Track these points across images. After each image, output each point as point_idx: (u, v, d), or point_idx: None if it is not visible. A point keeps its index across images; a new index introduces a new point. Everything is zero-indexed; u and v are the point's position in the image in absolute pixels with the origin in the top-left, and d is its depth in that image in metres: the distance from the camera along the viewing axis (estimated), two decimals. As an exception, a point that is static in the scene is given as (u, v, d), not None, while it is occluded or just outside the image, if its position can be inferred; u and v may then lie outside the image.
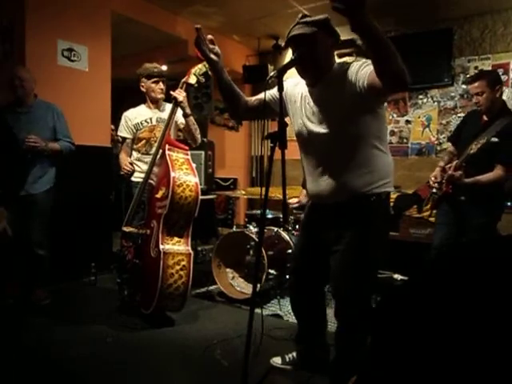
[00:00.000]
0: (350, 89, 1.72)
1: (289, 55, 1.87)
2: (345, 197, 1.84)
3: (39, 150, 2.93)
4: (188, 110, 2.96)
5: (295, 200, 3.55)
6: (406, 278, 3.48)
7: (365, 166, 1.80)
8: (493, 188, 2.65)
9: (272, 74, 1.71)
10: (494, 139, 2.55)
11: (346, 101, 1.74)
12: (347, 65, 1.77)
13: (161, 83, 3.06)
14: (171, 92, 2.89)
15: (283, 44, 1.87)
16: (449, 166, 2.75)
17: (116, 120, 3.23)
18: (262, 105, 1.90)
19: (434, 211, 3.00)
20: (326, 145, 1.84)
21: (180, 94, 2.84)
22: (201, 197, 2.77)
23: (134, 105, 3.20)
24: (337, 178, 1.84)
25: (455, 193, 2.75)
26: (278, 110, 1.66)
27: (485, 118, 2.75)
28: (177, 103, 2.85)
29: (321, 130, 1.83)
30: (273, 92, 1.97)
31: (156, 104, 3.11)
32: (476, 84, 2.69)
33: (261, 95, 1.98)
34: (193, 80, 2.86)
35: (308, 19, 1.77)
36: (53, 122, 3.09)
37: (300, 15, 1.82)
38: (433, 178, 2.86)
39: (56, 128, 3.10)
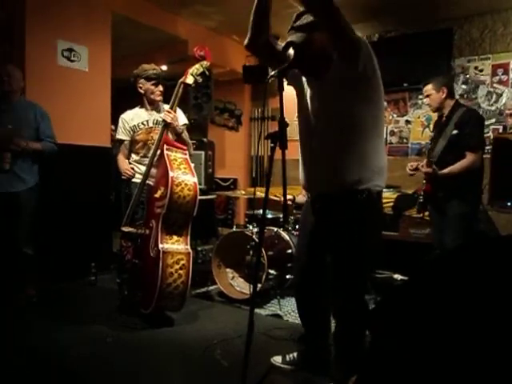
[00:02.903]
0: (336, 69, 1.76)
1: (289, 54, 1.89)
2: (335, 188, 1.86)
3: (21, 150, 2.94)
4: (179, 129, 2.95)
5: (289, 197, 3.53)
6: (405, 277, 3.48)
7: (358, 160, 1.81)
8: (468, 177, 2.78)
9: (272, 73, 1.71)
10: (454, 131, 2.83)
11: (337, 85, 1.78)
12: None
13: (160, 85, 3.04)
14: (160, 116, 2.92)
15: (281, 46, 1.87)
16: (421, 164, 2.94)
17: (116, 120, 3.23)
18: (278, 55, 1.88)
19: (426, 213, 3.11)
20: (322, 134, 1.86)
21: (168, 115, 2.82)
22: (201, 197, 2.77)
23: (134, 105, 3.19)
24: (328, 168, 1.85)
25: (434, 190, 2.88)
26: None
27: (444, 118, 2.97)
28: (166, 124, 2.84)
29: (318, 119, 1.86)
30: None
31: (153, 105, 3.09)
32: (425, 88, 3.01)
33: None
34: (190, 80, 2.86)
35: (299, 23, 1.77)
36: (36, 122, 3.08)
37: (295, 15, 1.81)
38: (409, 166, 3.10)
39: (39, 128, 3.10)
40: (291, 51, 1.92)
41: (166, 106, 2.97)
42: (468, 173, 2.77)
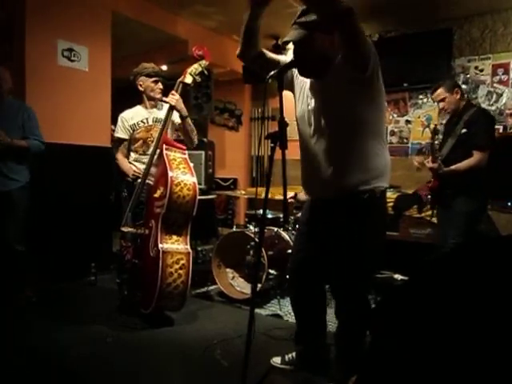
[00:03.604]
0: (340, 70, 1.74)
1: (290, 54, 1.90)
2: (336, 192, 1.85)
3: (3, 144, 2.93)
4: (184, 112, 2.95)
5: (291, 194, 3.54)
6: (406, 277, 3.48)
7: (359, 161, 1.80)
8: (476, 175, 2.81)
9: (272, 73, 1.71)
10: (463, 130, 2.88)
11: (340, 86, 1.76)
12: None
13: (160, 83, 3.05)
14: (164, 98, 2.92)
15: (281, 42, 1.88)
16: (426, 161, 2.98)
17: (116, 120, 3.23)
18: (272, 63, 1.91)
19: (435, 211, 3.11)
20: (323, 136, 1.85)
21: (173, 98, 2.83)
22: (201, 197, 2.77)
23: (134, 105, 3.18)
24: (329, 170, 1.84)
25: (442, 187, 2.92)
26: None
27: (454, 118, 3.02)
28: (172, 108, 2.85)
29: (319, 121, 1.85)
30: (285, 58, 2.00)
31: (153, 103, 3.10)
32: (437, 93, 3.04)
33: (279, 56, 2.02)
34: (189, 80, 2.87)
35: (303, 20, 1.74)
36: (22, 121, 3.09)
37: (299, 11, 1.80)
38: (417, 159, 3.19)
39: (24, 127, 3.09)
40: (286, 58, 1.92)
41: (166, 106, 2.97)
42: (475, 171, 2.79)
